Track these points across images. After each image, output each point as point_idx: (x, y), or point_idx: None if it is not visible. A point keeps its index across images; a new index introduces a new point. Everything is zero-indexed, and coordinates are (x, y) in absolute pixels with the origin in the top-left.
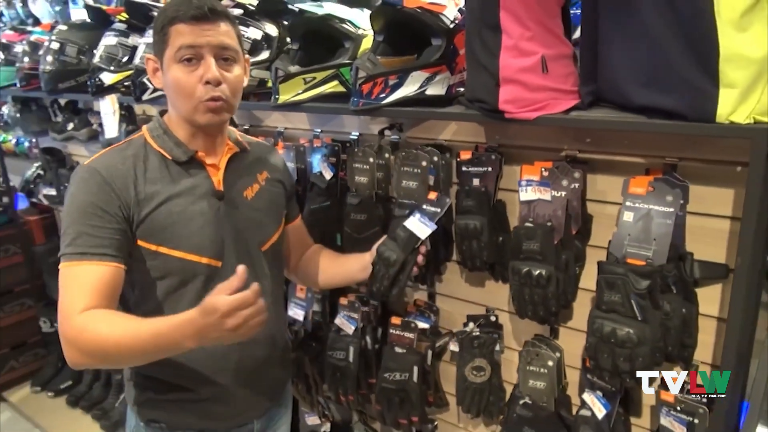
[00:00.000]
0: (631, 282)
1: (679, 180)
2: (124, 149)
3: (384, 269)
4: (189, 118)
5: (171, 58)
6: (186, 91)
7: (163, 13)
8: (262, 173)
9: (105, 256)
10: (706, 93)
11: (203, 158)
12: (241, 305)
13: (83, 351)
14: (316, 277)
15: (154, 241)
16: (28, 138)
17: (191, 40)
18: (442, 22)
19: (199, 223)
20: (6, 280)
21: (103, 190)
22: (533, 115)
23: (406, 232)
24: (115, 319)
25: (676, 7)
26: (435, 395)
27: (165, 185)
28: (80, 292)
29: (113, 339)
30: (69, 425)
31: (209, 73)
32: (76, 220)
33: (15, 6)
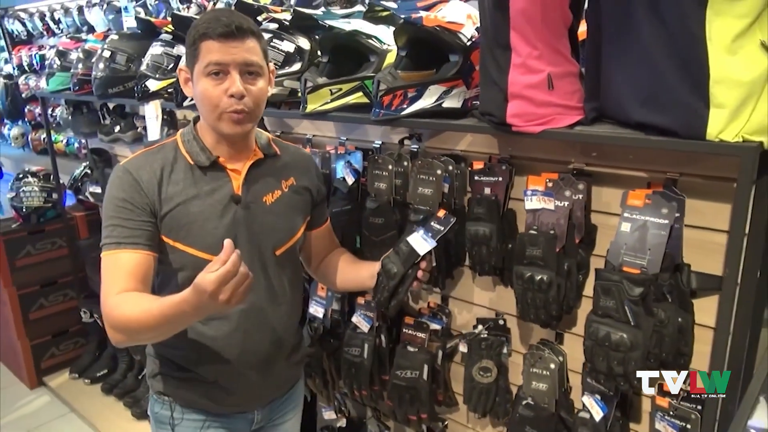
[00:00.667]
0: (626, 289)
1: (676, 194)
2: (156, 152)
3: (385, 281)
4: (214, 127)
5: (200, 71)
6: (212, 102)
7: (194, 28)
8: (288, 179)
9: (137, 245)
10: (697, 112)
11: (225, 163)
12: (225, 279)
13: (114, 327)
14: (334, 279)
15: (173, 237)
16: (78, 139)
17: (218, 57)
18: (459, 39)
19: (214, 224)
20: (51, 271)
21: (133, 188)
22: (538, 128)
23: (407, 246)
24: (138, 300)
25: (671, 33)
26: (445, 394)
27: (187, 187)
28: (116, 277)
29: (134, 317)
30: (102, 411)
31: (234, 87)
32: (112, 215)
33: (72, 14)
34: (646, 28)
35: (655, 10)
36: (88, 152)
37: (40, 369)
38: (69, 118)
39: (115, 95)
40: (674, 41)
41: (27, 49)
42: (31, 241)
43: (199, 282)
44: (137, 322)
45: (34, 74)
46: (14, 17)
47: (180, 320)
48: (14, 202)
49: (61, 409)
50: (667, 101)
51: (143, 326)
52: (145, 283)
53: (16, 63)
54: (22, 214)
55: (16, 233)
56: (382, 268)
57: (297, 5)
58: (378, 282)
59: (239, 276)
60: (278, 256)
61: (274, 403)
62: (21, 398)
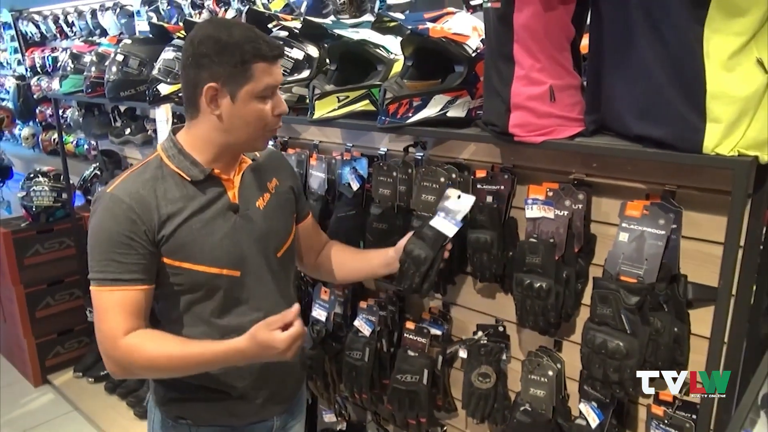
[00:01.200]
0: (622, 297)
1: (674, 205)
2: (142, 173)
3: (414, 267)
4: (248, 144)
5: (251, 92)
6: (263, 122)
7: (239, 46)
8: (271, 181)
9: (135, 281)
10: (693, 126)
11: (220, 174)
12: (294, 339)
13: (130, 370)
14: (338, 271)
15: (178, 258)
16: (87, 140)
17: (274, 80)
18: (464, 50)
19: (218, 237)
20: (58, 270)
21: (128, 219)
22: (539, 139)
23: (433, 231)
24: (160, 339)
25: (670, 49)
26: (444, 400)
27: (185, 204)
28: (119, 317)
29: (164, 359)
30: (105, 410)
31: (283, 107)
32: (105, 249)
33: (85, 17)
34: (646, 44)
35: (654, 27)
36: (98, 154)
37: (45, 367)
38: (80, 119)
39: (126, 98)
40: (672, 57)
41: (40, 50)
42: (40, 240)
43: (267, 338)
44: (167, 365)
45: (47, 76)
46: (28, 19)
47: (219, 367)
48: (24, 201)
49: (65, 407)
50: (665, 115)
51: (173, 368)
52: (144, 317)
53: (29, 64)
54: (32, 213)
55: (25, 232)
56: (408, 255)
57: (307, 14)
58: (405, 269)
59: (302, 330)
60: (280, 257)
61: (290, 407)
62: (25, 395)
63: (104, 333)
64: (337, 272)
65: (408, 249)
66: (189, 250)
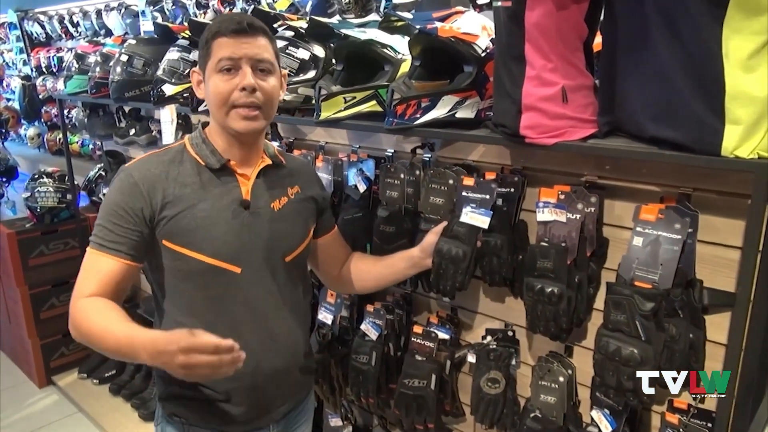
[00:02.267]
0: (637, 303)
1: (690, 209)
2: (162, 155)
3: (453, 266)
4: (225, 125)
5: (212, 69)
6: (223, 97)
7: (207, 29)
8: (293, 187)
9: (118, 252)
10: (712, 128)
11: (235, 167)
12: (198, 349)
13: (75, 328)
14: (362, 281)
15: (178, 243)
16: (93, 141)
17: (230, 52)
18: (474, 50)
19: (222, 229)
20: (63, 271)
21: (131, 192)
22: (551, 141)
23: (464, 226)
24: (108, 311)
25: (687, 49)
26: (452, 404)
27: (194, 190)
28: (90, 279)
29: (96, 328)
30: (110, 412)
31: (245, 80)
32: (104, 216)
33: (90, 18)
34: (662, 43)
35: (671, 26)
36: (102, 154)
37: (50, 368)
38: (85, 120)
39: (131, 99)
40: (690, 57)
41: (45, 51)
42: (45, 241)
43: (178, 334)
44: (98, 335)
45: (52, 76)
46: (34, 19)
47: (132, 356)
48: (29, 201)
49: (69, 409)
50: (682, 116)
51: (102, 341)
52: (118, 292)
53: (34, 64)
54: (37, 214)
55: (30, 233)
56: (443, 256)
57: (312, 13)
58: (441, 270)
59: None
60: (288, 262)
61: (289, 416)
62: (30, 397)
63: (74, 292)
64: (362, 282)
65: (442, 249)
66: (190, 237)
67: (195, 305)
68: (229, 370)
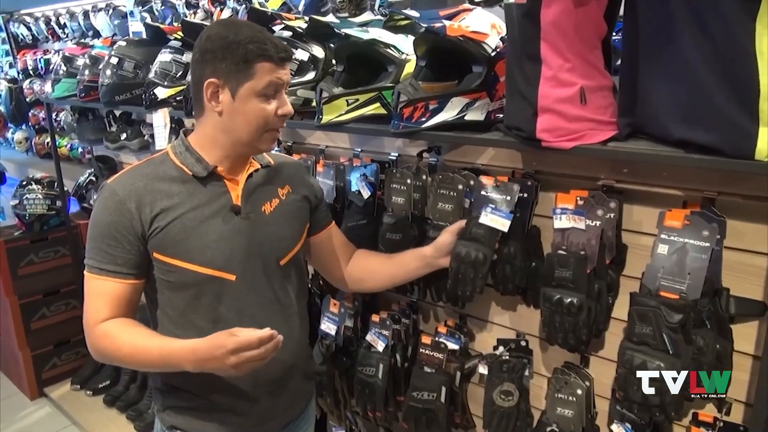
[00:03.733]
0: (664, 315)
1: (717, 215)
2: (144, 167)
3: (473, 270)
4: (251, 144)
5: (253, 90)
6: (264, 121)
7: (242, 45)
8: (283, 188)
9: (120, 274)
10: (744, 131)
11: (223, 173)
12: (247, 346)
13: (103, 355)
14: (371, 280)
15: (169, 254)
16: (83, 145)
17: (276, 79)
18: (483, 50)
19: (213, 237)
20: (54, 280)
21: (119, 211)
22: (570, 144)
23: (483, 228)
24: (131, 330)
25: (717, 46)
26: (462, 417)
27: (182, 199)
28: (100, 304)
29: (127, 348)
30: (104, 424)
31: (287, 108)
32: (97, 238)
33: (77, 19)
34: (689, 40)
35: (698, 21)
36: (92, 159)
37: (41, 379)
38: (74, 123)
39: (122, 102)
40: (720, 55)
41: (32, 53)
42: (34, 249)
43: (222, 338)
44: (131, 355)
45: (39, 78)
46: (20, 21)
47: (175, 366)
48: (18, 209)
49: (62, 422)
50: (712, 118)
51: (136, 360)
52: (131, 308)
53: (21, 67)
54: (26, 222)
55: (18, 241)
56: (461, 260)
57: (305, 12)
58: (460, 274)
59: (260, 352)
60: (283, 266)
61: (290, 424)
62: (21, 409)
63: (86, 317)
64: (372, 282)
65: (461, 253)
66: (181, 247)
67: (189, 315)
68: (274, 354)
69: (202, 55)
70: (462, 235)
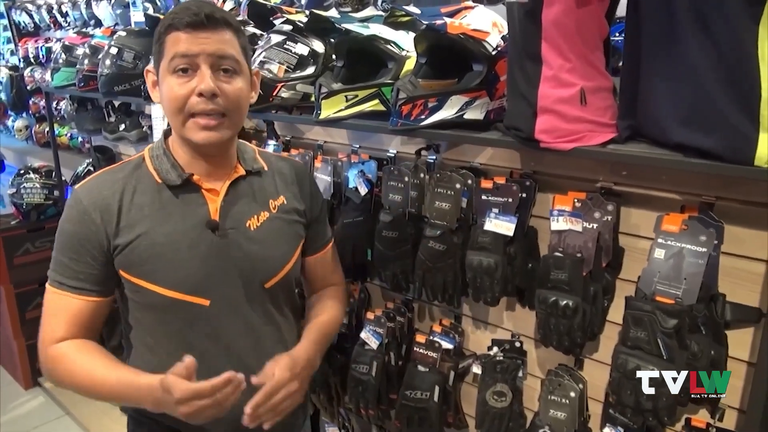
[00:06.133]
0: (659, 320)
1: (715, 220)
2: (117, 172)
3: (488, 278)
4: (183, 136)
5: (165, 68)
6: (178, 103)
7: (161, 22)
8: (276, 199)
9: (81, 290)
10: (745, 136)
11: (200, 182)
12: (195, 396)
13: (55, 379)
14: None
15: (134, 274)
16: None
17: (185, 49)
18: (484, 48)
19: (185, 256)
20: None
21: (83, 221)
22: (569, 146)
23: (488, 236)
24: (89, 355)
25: (720, 49)
26: (455, 416)
27: (152, 212)
28: (58, 322)
29: (83, 375)
30: (97, 415)
31: (203, 83)
32: (59, 249)
33: (80, 7)
34: (692, 43)
35: (702, 24)
36: (91, 149)
37: (36, 369)
38: (73, 113)
39: (121, 93)
40: (723, 58)
41: (33, 41)
42: (31, 238)
43: (170, 382)
44: (87, 384)
45: (40, 66)
46: (22, 9)
47: (133, 402)
48: (15, 198)
49: (56, 412)
50: (712, 122)
51: (92, 390)
52: (92, 329)
53: (22, 55)
54: (23, 211)
55: (15, 230)
56: (475, 269)
57: (307, 6)
58: (478, 284)
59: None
60: (269, 289)
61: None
62: (15, 399)
63: (41, 335)
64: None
65: (472, 262)
66: (148, 267)
67: (159, 340)
68: (235, 399)
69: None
70: (471, 245)
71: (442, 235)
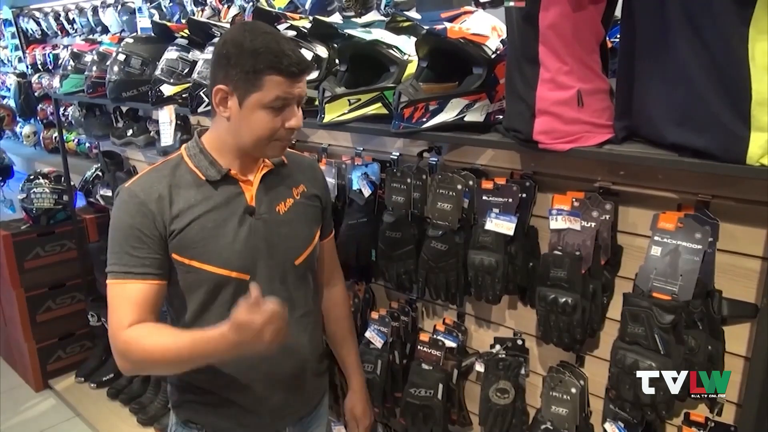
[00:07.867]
0: (656, 316)
1: (710, 217)
2: (161, 170)
3: (489, 277)
4: (256, 151)
5: (259, 102)
6: (269, 133)
7: (255, 55)
8: (298, 187)
9: (146, 275)
10: (737, 135)
11: (237, 175)
12: (273, 318)
13: (132, 361)
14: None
15: (187, 255)
16: (89, 141)
17: (285, 93)
18: (484, 52)
19: (230, 238)
20: (60, 273)
21: (141, 212)
22: (566, 146)
23: (490, 235)
24: (158, 332)
25: (711, 51)
26: (459, 414)
27: (198, 202)
28: (126, 309)
29: (158, 351)
30: (107, 416)
31: (295, 121)
32: (120, 242)
33: (86, 14)
34: (684, 45)
35: (693, 27)
36: (99, 155)
37: (46, 372)
38: (81, 119)
39: (128, 99)
40: (714, 60)
41: (41, 48)
42: (41, 242)
43: (245, 318)
44: (162, 357)
45: (48, 73)
46: (29, 16)
47: (210, 358)
48: (25, 203)
49: (66, 413)
50: (705, 122)
51: (169, 361)
52: (156, 312)
53: (30, 62)
54: (32, 216)
55: (25, 235)
56: (476, 268)
57: (311, 11)
58: (479, 282)
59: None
60: (298, 266)
61: (304, 420)
62: (26, 401)
63: (111, 325)
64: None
65: (474, 261)
66: (199, 249)
67: (204, 315)
68: None
69: (218, 60)
70: (472, 245)
71: (444, 235)
